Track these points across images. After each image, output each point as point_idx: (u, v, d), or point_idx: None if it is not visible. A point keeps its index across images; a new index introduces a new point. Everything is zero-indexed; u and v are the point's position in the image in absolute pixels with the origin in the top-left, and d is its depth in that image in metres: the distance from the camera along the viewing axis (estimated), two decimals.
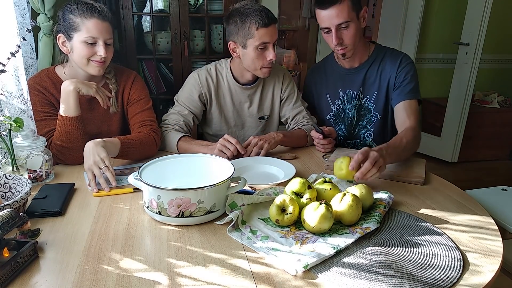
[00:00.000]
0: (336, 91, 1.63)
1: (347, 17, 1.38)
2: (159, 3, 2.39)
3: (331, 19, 1.39)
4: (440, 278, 0.76)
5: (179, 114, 1.50)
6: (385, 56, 1.54)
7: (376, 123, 1.61)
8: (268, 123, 1.65)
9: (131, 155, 1.30)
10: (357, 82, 1.58)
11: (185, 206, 0.90)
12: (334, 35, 1.41)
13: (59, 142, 1.25)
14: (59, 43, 1.30)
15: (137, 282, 0.73)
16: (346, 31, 1.41)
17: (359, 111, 1.62)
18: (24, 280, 0.73)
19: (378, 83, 1.54)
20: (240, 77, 1.54)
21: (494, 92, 3.65)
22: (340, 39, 1.42)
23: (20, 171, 1.10)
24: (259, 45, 1.38)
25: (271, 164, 1.31)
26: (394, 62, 1.51)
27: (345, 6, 1.37)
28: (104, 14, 1.27)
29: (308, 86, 1.75)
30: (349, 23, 1.39)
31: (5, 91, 1.24)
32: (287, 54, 5.30)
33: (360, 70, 1.56)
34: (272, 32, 1.39)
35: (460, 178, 3.12)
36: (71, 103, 1.26)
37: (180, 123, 1.48)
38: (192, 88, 1.52)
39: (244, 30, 1.37)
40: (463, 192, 1.19)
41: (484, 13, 3.01)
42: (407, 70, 1.49)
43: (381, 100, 1.55)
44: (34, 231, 0.86)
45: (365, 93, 1.58)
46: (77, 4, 1.26)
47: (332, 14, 1.38)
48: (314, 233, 0.90)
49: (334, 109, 1.66)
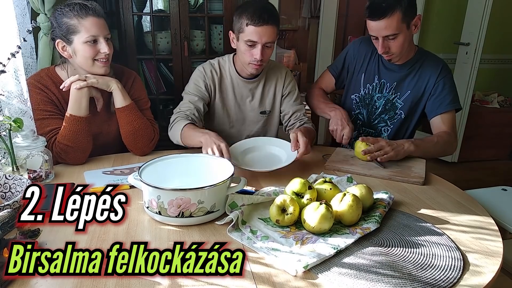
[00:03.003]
0: (372, 76, 1.62)
1: (395, 29, 1.37)
2: (159, 3, 2.39)
3: (379, 31, 1.39)
4: (440, 278, 0.76)
5: (190, 102, 1.49)
6: (426, 60, 1.53)
7: (397, 122, 1.61)
8: (269, 119, 1.65)
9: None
10: (394, 76, 1.57)
11: (185, 206, 0.90)
12: (380, 44, 1.42)
13: (65, 142, 1.25)
14: (58, 49, 1.29)
15: (137, 282, 0.73)
16: (393, 41, 1.41)
17: (385, 105, 1.62)
18: (24, 280, 0.73)
19: (414, 84, 1.54)
20: (241, 70, 1.55)
21: (494, 92, 3.65)
22: (386, 48, 1.43)
23: (20, 171, 1.10)
24: (247, 41, 1.40)
25: (273, 144, 1.38)
26: (434, 69, 1.51)
27: (394, 19, 1.35)
28: (98, 11, 1.27)
29: (348, 54, 1.70)
30: (397, 34, 1.38)
31: (5, 91, 1.24)
32: (287, 54, 5.30)
33: (402, 67, 1.55)
34: (261, 32, 1.37)
35: (460, 178, 3.11)
36: (83, 103, 1.27)
37: (192, 109, 1.46)
38: (198, 79, 1.53)
39: (238, 24, 1.40)
40: (463, 192, 1.19)
41: (484, 13, 3.01)
42: (446, 81, 1.50)
43: (411, 101, 1.55)
44: (34, 231, 0.86)
45: (397, 90, 1.58)
46: (68, 6, 1.24)
47: (381, 26, 1.37)
48: (314, 233, 0.90)
49: (362, 92, 1.65)
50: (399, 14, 1.35)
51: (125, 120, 1.34)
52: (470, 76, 3.20)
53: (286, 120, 1.62)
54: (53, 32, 1.28)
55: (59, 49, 1.29)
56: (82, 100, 1.26)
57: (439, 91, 1.50)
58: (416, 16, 1.41)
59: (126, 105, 1.33)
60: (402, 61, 1.54)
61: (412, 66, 1.54)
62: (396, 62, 1.54)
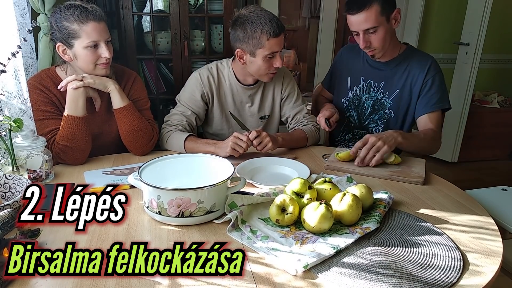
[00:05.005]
0: (358, 78, 1.63)
1: (374, 22, 1.38)
2: (159, 3, 2.39)
3: (359, 24, 1.40)
4: (440, 278, 0.76)
5: (182, 114, 1.49)
6: (414, 58, 1.53)
7: (388, 121, 1.61)
8: (269, 123, 1.65)
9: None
10: (381, 76, 1.57)
11: (185, 206, 0.90)
12: (361, 39, 1.42)
13: (63, 142, 1.25)
14: (59, 52, 1.29)
15: (137, 282, 0.73)
16: (374, 35, 1.41)
17: (374, 105, 1.62)
18: (24, 279, 0.73)
19: (403, 83, 1.54)
20: (242, 78, 1.54)
21: (494, 92, 3.65)
22: (368, 42, 1.43)
23: (20, 171, 1.10)
24: (268, 55, 1.39)
25: (284, 164, 1.30)
26: (422, 67, 1.50)
27: (373, 12, 1.36)
28: (98, 15, 1.25)
29: (335, 63, 1.76)
30: (377, 28, 1.39)
31: (5, 91, 1.24)
32: (287, 54, 5.30)
33: (387, 66, 1.55)
34: (281, 41, 1.40)
35: (460, 178, 3.11)
36: (80, 104, 1.27)
37: (183, 123, 1.48)
38: (194, 87, 1.52)
39: (254, 40, 1.37)
40: (463, 192, 1.19)
41: (484, 13, 3.01)
42: (435, 79, 1.49)
43: (400, 100, 1.55)
44: (34, 231, 0.86)
45: (385, 89, 1.58)
46: (68, 9, 1.23)
47: (359, 19, 1.38)
48: (314, 233, 0.90)
49: (350, 94, 1.66)
50: (377, 7, 1.36)
51: (124, 120, 1.34)
52: (470, 76, 3.20)
53: (288, 123, 1.64)
54: (53, 34, 1.28)
55: (59, 52, 1.29)
56: (79, 100, 1.26)
57: (427, 91, 1.50)
58: (395, 9, 1.42)
59: (124, 106, 1.33)
60: (387, 58, 1.54)
61: (399, 64, 1.54)
62: (380, 58, 1.54)
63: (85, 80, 1.26)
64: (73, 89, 1.25)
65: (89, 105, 1.37)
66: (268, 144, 1.33)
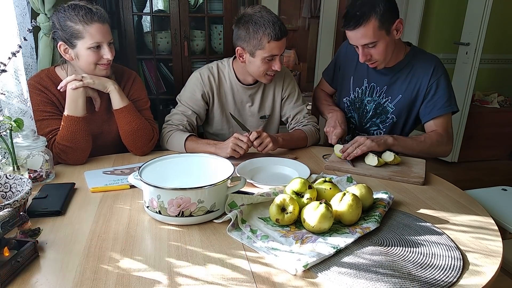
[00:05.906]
0: (361, 79, 1.59)
1: (372, 38, 1.33)
2: (159, 3, 2.39)
3: (357, 40, 1.36)
4: (440, 278, 0.76)
5: (183, 114, 1.49)
6: (417, 61, 1.48)
7: (390, 126, 1.58)
8: (269, 123, 1.65)
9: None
10: (384, 80, 1.53)
11: (185, 205, 0.90)
12: (361, 53, 1.39)
13: (63, 142, 1.26)
14: (60, 51, 1.29)
15: (137, 281, 0.73)
16: (374, 49, 1.37)
17: (376, 109, 1.59)
18: (24, 279, 0.73)
19: (405, 88, 1.50)
20: (242, 78, 1.54)
21: (494, 92, 3.65)
22: (368, 56, 1.40)
23: (21, 171, 1.10)
24: (267, 57, 1.39)
25: (284, 164, 1.30)
26: (426, 71, 1.46)
27: (370, 27, 1.31)
28: (103, 16, 1.26)
29: (339, 55, 1.70)
30: (376, 42, 1.35)
31: (5, 91, 1.24)
32: (287, 54, 5.30)
33: (391, 71, 1.51)
34: (282, 45, 1.39)
35: (460, 178, 3.12)
36: (80, 104, 1.27)
37: (184, 123, 1.48)
38: (195, 87, 1.52)
39: (255, 40, 1.36)
40: (463, 192, 1.19)
41: (484, 13, 3.01)
42: (439, 83, 1.45)
43: (403, 104, 1.52)
44: (35, 231, 0.86)
45: (388, 94, 1.54)
46: (73, 9, 1.23)
47: (357, 35, 1.35)
48: (314, 233, 0.90)
49: (352, 95, 1.64)
50: (374, 22, 1.31)
51: (124, 120, 1.34)
52: (470, 76, 3.20)
53: (288, 123, 1.64)
54: (55, 33, 1.28)
55: (61, 51, 1.29)
56: (79, 100, 1.26)
57: (432, 95, 1.46)
58: (396, 20, 1.37)
59: (123, 106, 1.33)
60: (391, 64, 1.50)
61: (403, 68, 1.50)
62: (381, 68, 1.50)
63: (85, 80, 1.27)
64: (73, 89, 1.25)
65: (89, 105, 1.37)
66: (269, 145, 1.34)
